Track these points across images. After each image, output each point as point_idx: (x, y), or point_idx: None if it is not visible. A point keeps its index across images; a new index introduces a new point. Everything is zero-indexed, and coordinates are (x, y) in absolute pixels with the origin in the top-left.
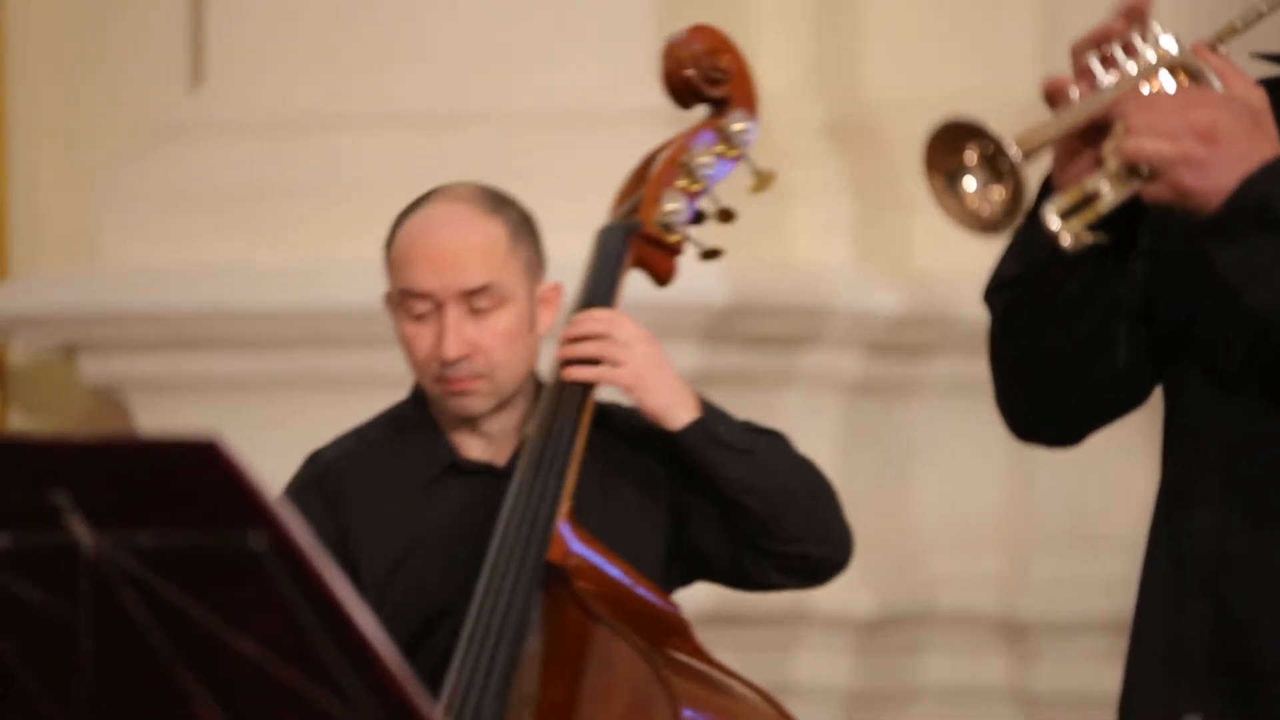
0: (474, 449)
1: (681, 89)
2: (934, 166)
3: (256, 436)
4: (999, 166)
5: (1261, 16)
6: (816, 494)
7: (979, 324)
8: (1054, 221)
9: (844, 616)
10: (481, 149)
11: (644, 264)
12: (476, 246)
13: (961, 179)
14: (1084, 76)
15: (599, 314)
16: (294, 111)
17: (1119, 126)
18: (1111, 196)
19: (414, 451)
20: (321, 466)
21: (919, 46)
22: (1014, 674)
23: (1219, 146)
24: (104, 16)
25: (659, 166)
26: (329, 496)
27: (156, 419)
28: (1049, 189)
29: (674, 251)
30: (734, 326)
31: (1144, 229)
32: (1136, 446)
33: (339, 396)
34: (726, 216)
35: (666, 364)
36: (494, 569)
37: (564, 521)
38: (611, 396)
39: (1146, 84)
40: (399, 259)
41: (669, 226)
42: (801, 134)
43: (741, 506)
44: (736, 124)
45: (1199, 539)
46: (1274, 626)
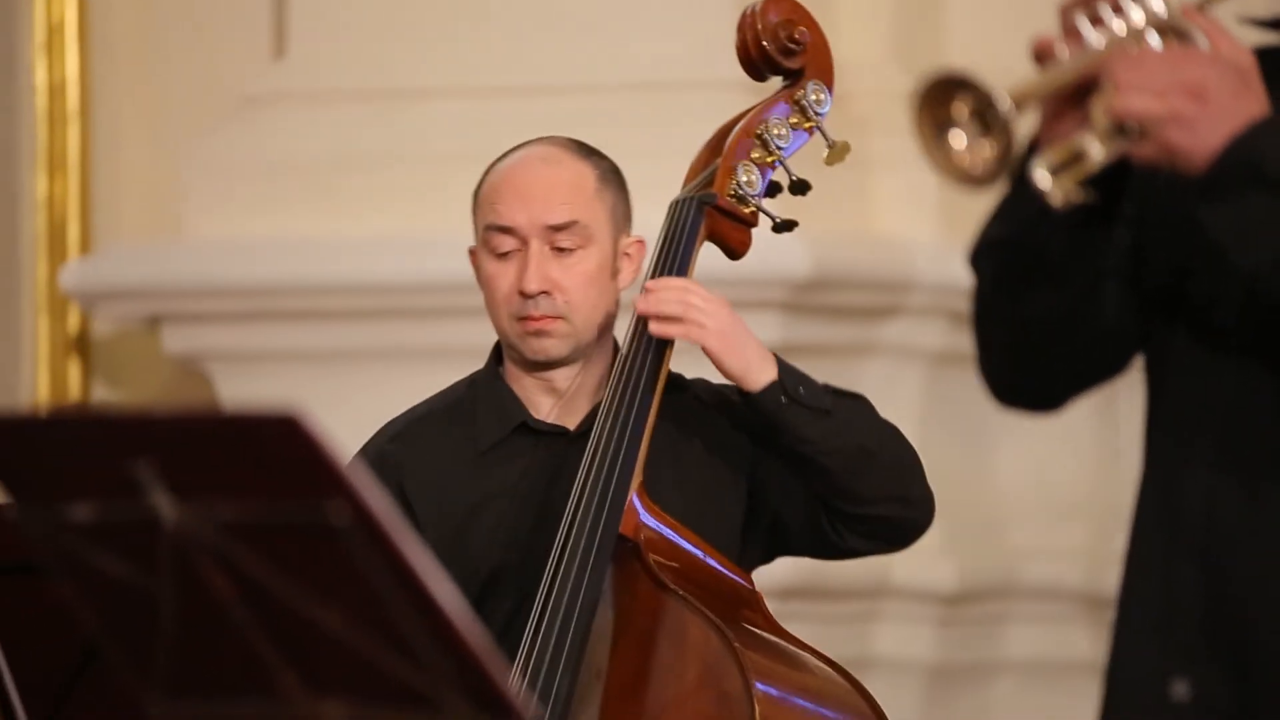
0: (546, 408)
1: (756, 60)
2: (923, 121)
3: (339, 408)
4: (989, 120)
5: None
6: (897, 455)
7: None
8: (1044, 179)
9: (926, 589)
10: (562, 119)
11: (717, 236)
12: (564, 182)
13: (951, 132)
14: (1072, 35)
15: (673, 281)
16: (376, 83)
17: (1108, 85)
18: (1100, 155)
19: (485, 411)
20: (388, 435)
21: (1001, 13)
22: (1098, 647)
23: (1207, 105)
24: None
25: (733, 138)
26: (392, 464)
27: (239, 391)
28: (1035, 151)
29: (748, 224)
30: (816, 298)
31: (1127, 195)
32: None
33: (421, 368)
34: (801, 188)
35: (744, 327)
36: (567, 541)
37: (636, 494)
38: (682, 367)
39: (1135, 43)
40: (487, 196)
41: (743, 199)
42: (883, 103)
43: (820, 467)
44: (812, 95)
45: (1190, 504)
46: (1266, 592)
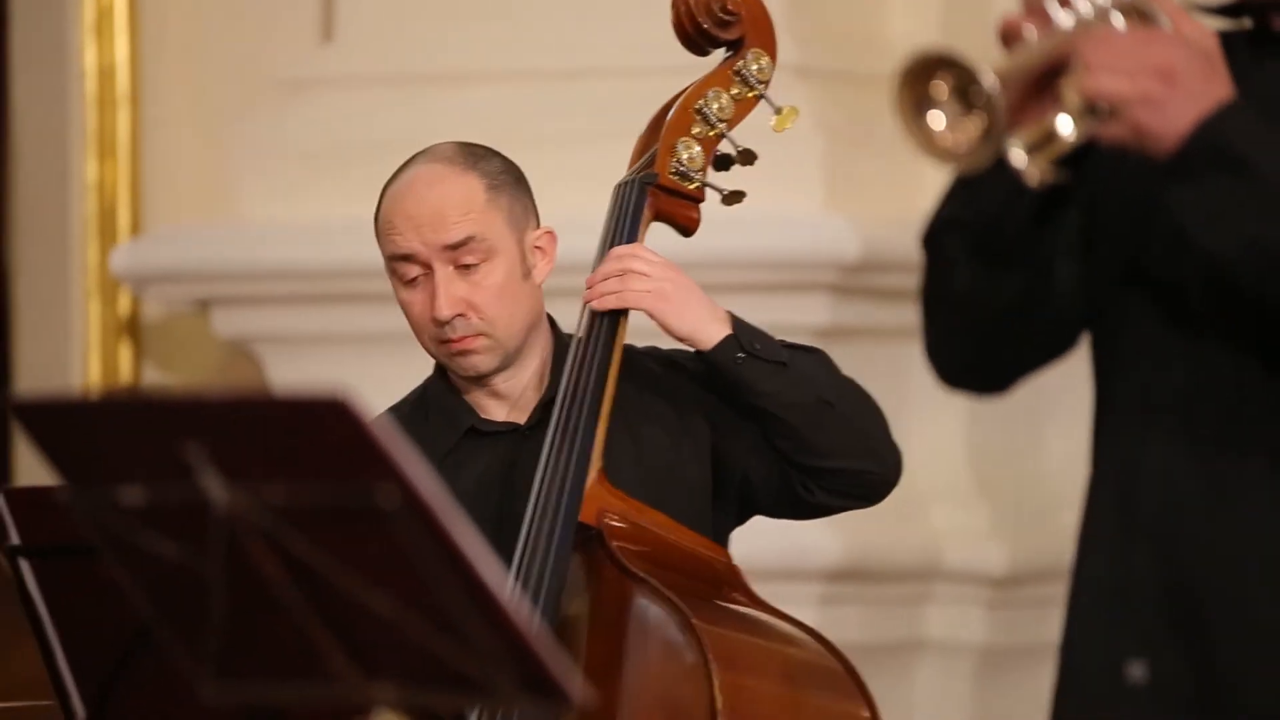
0: (496, 411)
1: (693, 35)
2: (904, 100)
3: (387, 390)
4: (972, 98)
5: None
6: (857, 407)
7: None
8: (1019, 158)
9: (976, 572)
10: (606, 103)
11: (665, 215)
12: (453, 200)
13: (932, 111)
14: (1037, 15)
15: (618, 249)
16: (423, 66)
17: (1078, 65)
18: (1071, 135)
19: (438, 420)
20: None
21: None
22: None
23: (1176, 86)
24: None
25: (672, 116)
26: None
27: (288, 373)
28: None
29: (695, 199)
30: (865, 281)
31: (1079, 178)
32: None
33: None
34: (749, 158)
35: (692, 287)
36: (529, 534)
37: (596, 480)
38: (640, 337)
39: (1101, 24)
40: (383, 226)
41: (685, 175)
42: None
43: (780, 421)
44: (752, 64)
45: (1146, 486)
46: (1222, 575)
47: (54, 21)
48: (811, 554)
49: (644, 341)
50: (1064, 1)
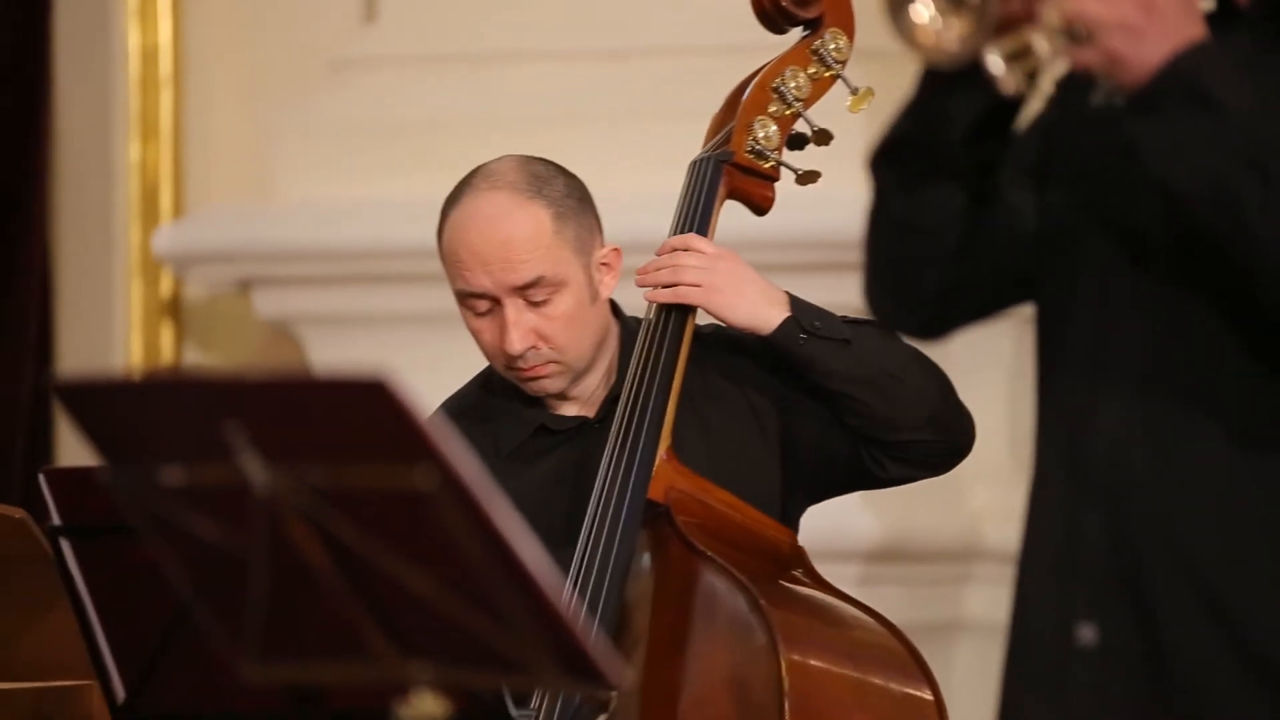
0: (563, 408)
1: (771, 13)
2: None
3: (428, 372)
4: None
5: None
6: (924, 377)
7: None
8: (997, 64)
9: (1016, 552)
10: (652, 82)
11: (740, 193)
12: (520, 237)
13: (916, 4)
14: None
15: (671, 240)
16: (465, 47)
17: None
18: (1047, 52)
19: (504, 416)
20: None
21: None
22: None
23: (1154, 18)
24: None
25: (749, 94)
26: None
27: (329, 354)
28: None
29: (769, 178)
30: None
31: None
32: None
33: None
34: (825, 138)
35: (746, 273)
36: (597, 510)
37: (664, 457)
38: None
39: None
40: (449, 259)
41: (761, 154)
42: None
43: (849, 397)
44: (830, 44)
45: (1096, 447)
46: (1171, 537)
47: (97, 4)
48: (851, 534)
49: (705, 318)
50: None
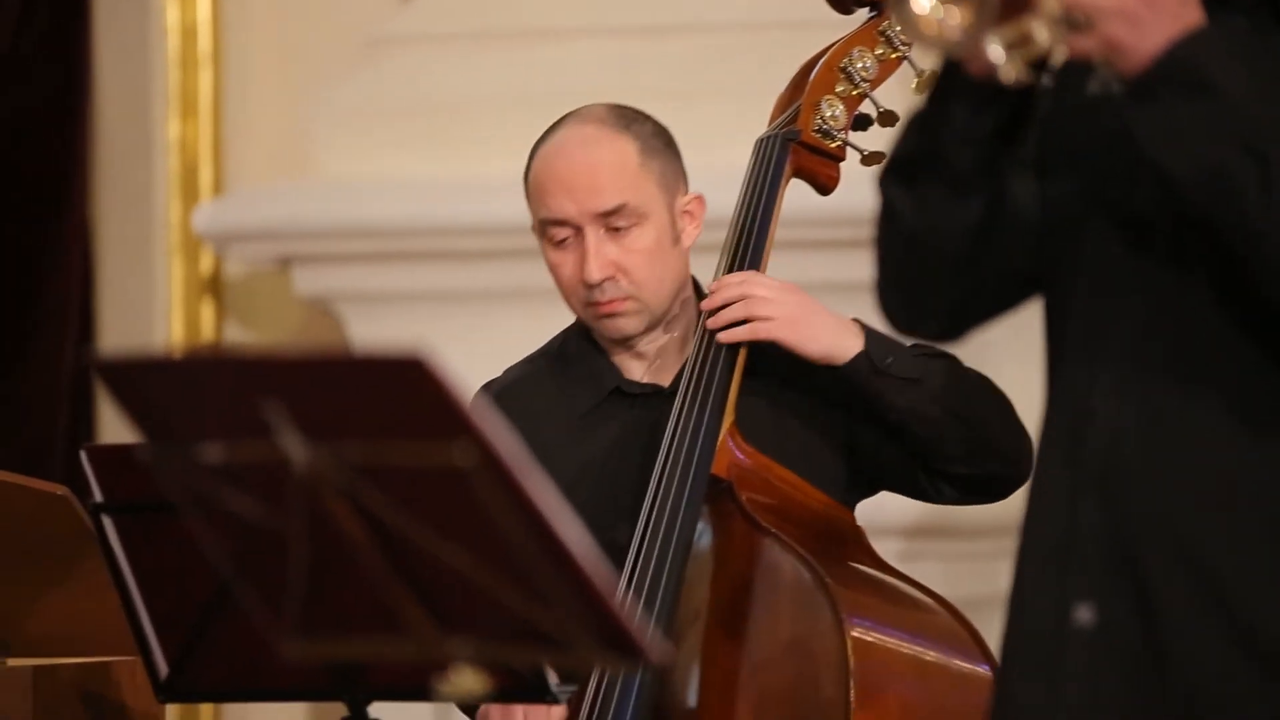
0: (637, 371)
1: None
2: None
3: (467, 348)
4: None
5: None
6: (988, 413)
7: None
8: (998, 53)
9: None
10: (688, 59)
11: (805, 172)
12: (607, 166)
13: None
14: None
15: (733, 277)
16: (504, 25)
17: None
18: (1047, 40)
19: (579, 377)
20: (490, 396)
21: None
22: None
23: (1153, 4)
24: None
25: (816, 73)
26: None
27: (369, 332)
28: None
29: (835, 158)
30: None
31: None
32: None
33: (547, 309)
34: (890, 120)
35: (817, 307)
36: (660, 484)
37: (728, 433)
38: None
39: None
40: (534, 189)
41: (828, 133)
42: None
43: (913, 433)
44: (897, 25)
45: (1097, 434)
46: (1169, 520)
47: None
48: (891, 510)
49: None
50: None
